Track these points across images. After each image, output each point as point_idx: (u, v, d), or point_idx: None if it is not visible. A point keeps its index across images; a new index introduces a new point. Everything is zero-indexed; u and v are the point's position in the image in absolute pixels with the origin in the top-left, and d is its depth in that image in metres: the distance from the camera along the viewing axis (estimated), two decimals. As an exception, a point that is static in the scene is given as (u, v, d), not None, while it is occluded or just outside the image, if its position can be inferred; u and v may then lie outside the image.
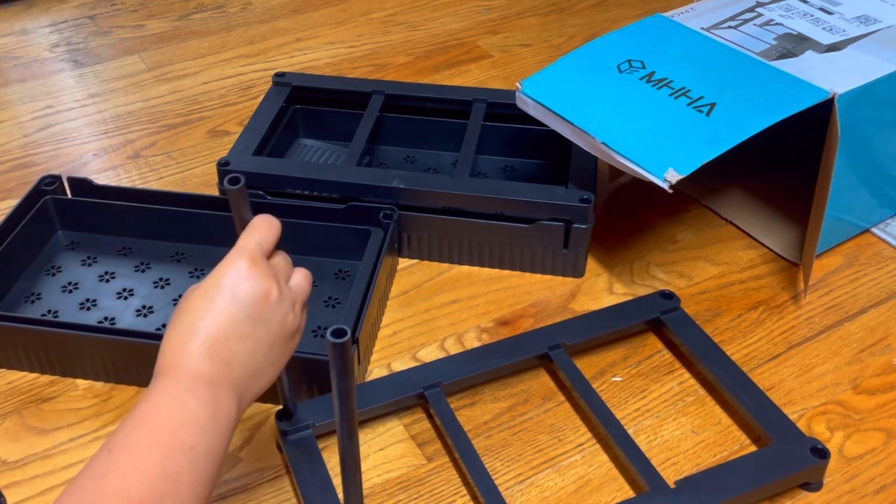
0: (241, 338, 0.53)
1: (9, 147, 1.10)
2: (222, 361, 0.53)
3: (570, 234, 0.87)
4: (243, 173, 0.89)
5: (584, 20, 1.36)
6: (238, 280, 0.54)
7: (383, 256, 0.82)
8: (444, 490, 0.70)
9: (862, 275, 0.90)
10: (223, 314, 0.53)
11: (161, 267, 0.89)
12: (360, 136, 0.96)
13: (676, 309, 0.82)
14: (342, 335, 0.50)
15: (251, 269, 0.55)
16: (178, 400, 0.51)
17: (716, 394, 0.77)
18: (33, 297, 0.85)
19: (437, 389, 0.75)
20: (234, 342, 0.53)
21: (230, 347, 0.53)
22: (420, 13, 1.39)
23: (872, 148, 0.86)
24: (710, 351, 0.78)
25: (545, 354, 0.78)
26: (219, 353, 0.53)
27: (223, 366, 0.53)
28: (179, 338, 0.53)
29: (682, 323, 0.81)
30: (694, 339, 0.79)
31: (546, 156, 1.01)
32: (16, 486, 0.70)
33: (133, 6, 1.42)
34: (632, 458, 0.69)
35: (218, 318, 0.53)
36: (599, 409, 0.73)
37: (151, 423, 0.50)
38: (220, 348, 0.53)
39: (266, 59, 1.28)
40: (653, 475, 0.68)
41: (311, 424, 0.71)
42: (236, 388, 0.53)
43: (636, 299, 0.84)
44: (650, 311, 0.82)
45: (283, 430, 0.70)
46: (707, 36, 0.89)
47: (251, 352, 0.54)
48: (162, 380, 0.52)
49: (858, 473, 0.71)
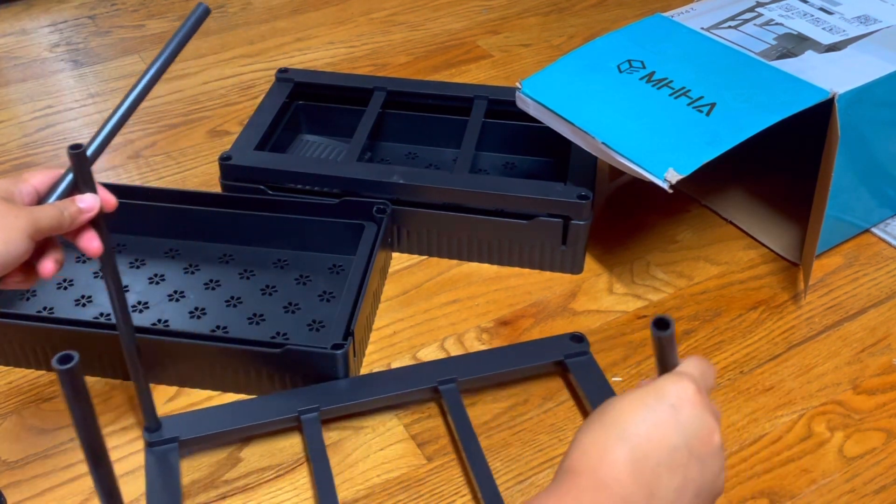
0: (671, 468, 0.45)
1: (9, 147, 1.10)
2: (646, 485, 0.45)
3: (568, 231, 0.87)
4: (245, 168, 0.91)
5: (584, 20, 1.36)
6: (683, 400, 0.46)
7: (377, 251, 0.83)
8: (445, 490, 0.70)
9: (862, 275, 0.90)
10: (658, 429, 0.46)
11: (156, 263, 0.89)
12: (361, 132, 0.96)
13: (585, 353, 0.78)
14: (68, 361, 0.45)
15: (698, 395, 0.47)
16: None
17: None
18: (28, 294, 0.85)
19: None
20: (664, 469, 0.45)
21: (658, 473, 0.45)
22: (420, 13, 1.39)
23: (872, 148, 0.86)
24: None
25: (436, 388, 0.75)
26: (644, 474, 0.45)
27: (645, 491, 0.45)
28: (603, 437, 0.46)
29: (587, 370, 0.76)
30: (596, 389, 0.75)
31: (547, 153, 1.01)
32: (16, 486, 0.70)
33: (133, 6, 1.42)
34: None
35: (651, 432, 0.45)
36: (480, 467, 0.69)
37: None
38: (648, 469, 0.45)
39: (266, 58, 1.28)
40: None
41: (176, 439, 0.70)
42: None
43: (544, 339, 0.80)
44: (556, 352, 0.78)
45: (147, 441, 0.70)
46: (707, 36, 0.89)
47: (678, 489, 0.45)
48: (576, 479, 0.45)
49: (858, 473, 0.71)
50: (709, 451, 0.47)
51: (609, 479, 0.45)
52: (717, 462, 0.47)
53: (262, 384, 0.76)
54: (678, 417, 0.46)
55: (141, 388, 0.67)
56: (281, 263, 0.89)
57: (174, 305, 0.84)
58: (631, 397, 0.47)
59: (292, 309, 0.84)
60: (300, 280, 0.87)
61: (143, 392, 0.68)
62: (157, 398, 0.77)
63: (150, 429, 0.70)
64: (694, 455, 0.46)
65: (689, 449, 0.46)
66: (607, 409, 0.47)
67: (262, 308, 0.84)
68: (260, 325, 0.82)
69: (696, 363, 0.50)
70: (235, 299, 0.85)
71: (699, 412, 0.47)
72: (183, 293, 0.85)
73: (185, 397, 0.78)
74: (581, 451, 0.46)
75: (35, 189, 0.58)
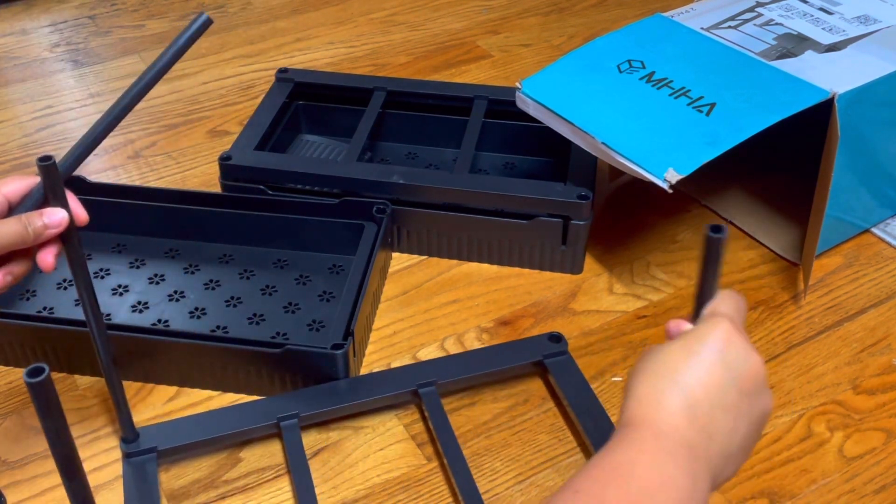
0: (725, 408, 0.47)
1: (9, 147, 1.10)
2: (703, 429, 0.47)
3: (568, 231, 0.87)
4: (245, 168, 0.91)
5: (584, 20, 1.36)
6: (727, 342, 0.48)
7: (377, 251, 0.83)
8: (445, 490, 0.70)
9: (862, 275, 0.90)
10: (709, 374, 0.47)
11: (155, 263, 0.89)
12: (361, 132, 0.97)
13: (563, 353, 0.78)
14: (38, 374, 0.44)
15: (738, 335, 0.49)
16: (655, 460, 0.45)
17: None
18: (28, 295, 0.85)
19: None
20: (718, 411, 0.47)
21: (713, 415, 0.47)
22: (420, 13, 1.39)
23: (872, 148, 0.86)
24: (587, 405, 0.73)
25: (416, 391, 0.75)
26: (700, 417, 0.47)
27: (703, 434, 0.47)
28: (654, 386, 0.48)
29: (566, 370, 0.76)
30: (573, 389, 0.75)
31: (547, 153, 1.01)
32: (16, 486, 0.70)
33: (133, 6, 1.42)
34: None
35: (702, 377, 0.47)
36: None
37: (626, 479, 0.45)
38: (703, 413, 0.47)
39: (266, 59, 1.28)
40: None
41: (154, 449, 0.70)
42: (712, 466, 0.47)
43: (523, 340, 0.80)
44: (534, 353, 0.78)
45: (125, 452, 0.69)
46: (707, 36, 0.89)
47: (732, 429, 0.48)
48: (637, 431, 0.47)
49: (858, 473, 0.71)
50: (755, 386, 0.49)
51: (668, 427, 0.46)
52: (765, 396, 0.50)
53: (262, 384, 0.76)
54: (725, 359, 0.48)
55: (117, 400, 0.67)
56: (281, 263, 0.89)
57: (174, 305, 0.84)
58: (676, 346, 0.49)
59: (292, 309, 0.84)
60: (300, 280, 0.87)
61: (120, 403, 0.67)
62: (157, 398, 0.77)
63: (128, 440, 0.69)
64: (743, 393, 0.48)
65: (738, 388, 0.48)
66: (656, 360, 0.49)
67: (262, 308, 0.84)
68: (260, 325, 0.82)
69: (730, 301, 0.52)
70: (235, 299, 0.85)
71: (743, 352, 0.49)
72: (183, 293, 0.85)
73: (185, 397, 0.78)
74: (637, 403, 0.48)
75: (6, 199, 0.57)
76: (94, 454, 0.73)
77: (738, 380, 0.48)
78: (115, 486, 0.70)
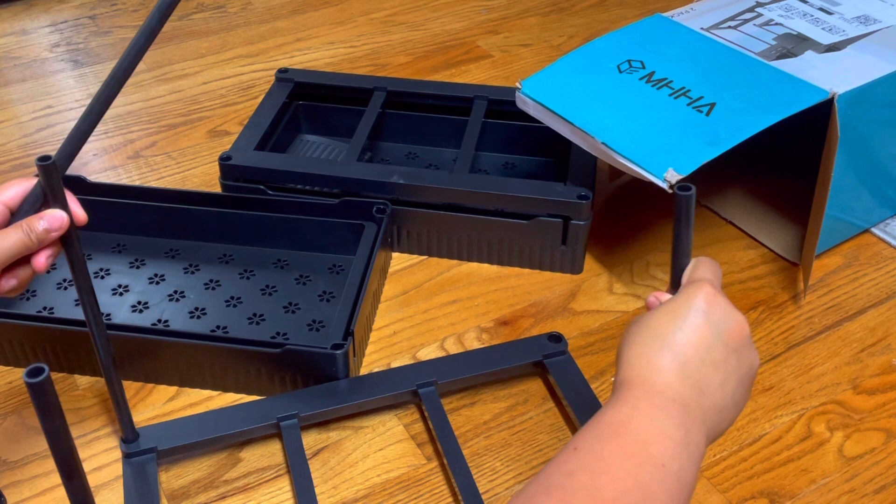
0: (714, 364, 0.50)
1: (9, 147, 1.10)
2: (694, 385, 0.49)
3: (567, 231, 0.87)
4: (245, 168, 0.91)
5: (584, 20, 1.36)
6: (710, 304, 0.51)
7: (377, 251, 0.83)
8: (445, 490, 0.70)
9: (862, 275, 0.90)
10: (696, 333, 0.50)
11: (155, 263, 0.89)
12: (361, 132, 0.97)
13: (563, 353, 0.78)
14: (38, 374, 0.45)
15: (720, 296, 0.51)
16: (649, 415, 0.48)
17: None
18: (28, 295, 0.85)
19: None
20: (708, 367, 0.50)
21: (703, 371, 0.49)
22: (420, 13, 1.39)
23: (872, 148, 0.86)
24: (587, 405, 0.73)
25: (415, 392, 0.75)
26: (691, 374, 0.49)
27: (695, 390, 0.49)
28: (646, 349, 0.50)
29: (566, 370, 0.77)
30: (573, 389, 0.75)
31: (547, 153, 1.01)
32: (16, 486, 0.70)
33: (133, 6, 1.42)
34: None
35: (690, 337, 0.50)
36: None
37: (622, 433, 0.47)
38: (693, 370, 0.49)
39: (266, 59, 1.28)
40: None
41: (154, 449, 0.70)
42: (705, 419, 0.49)
43: (523, 340, 0.80)
44: (534, 353, 0.78)
45: (125, 452, 0.69)
46: (707, 36, 0.89)
47: (722, 383, 0.50)
48: (630, 391, 0.49)
49: (858, 473, 0.71)
50: (741, 342, 0.51)
51: (661, 386, 0.49)
52: (751, 351, 0.52)
53: (261, 384, 0.76)
54: (710, 319, 0.50)
55: (117, 400, 0.67)
56: (281, 263, 0.89)
57: (174, 305, 0.84)
58: (662, 311, 0.51)
59: (292, 309, 0.84)
60: (300, 280, 0.87)
61: (120, 403, 0.67)
62: (158, 398, 0.77)
63: (128, 440, 0.69)
64: (731, 349, 0.51)
65: (725, 344, 0.50)
66: (643, 326, 0.51)
67: (262, 308, 0.84)
68: (260, 325, 0.82)
69: (707, 265, 0.55)
70: (235, 299, 0.85)
71: (726, 311, 0.51)
72: (183, 293, 0.86)
73: (186, 397, 0.78)
74: (630, 366, 0.50)
75: (6, 206, 0.56)
76: (94, 454, 0.73)
77: (724, 337, 0.51)
78: (115, 486, 0.70)
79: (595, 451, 0.47)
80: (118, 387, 0.66)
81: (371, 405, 0.75)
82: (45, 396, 0.45)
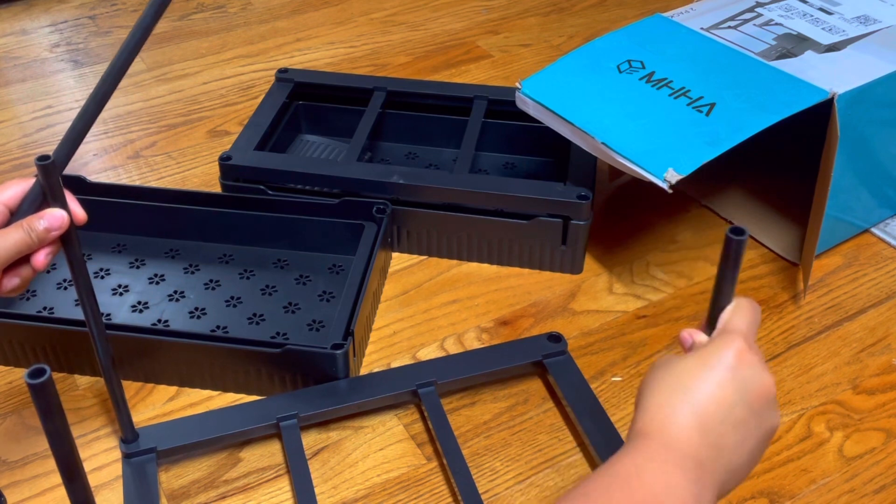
0: (734, 424, 0.49)
1: (9, 147, 1.10)
2: (712, 444, 0.48)
3: (567, 231, 0.87)
4: (245, 168, 0.91)
5: (584, 20, 1.36)
6: (739, 360, 0.49)
7: (377, 251, 0.83)
8: (444, 490, 0.70)
9: (861, 275, 0.90)
10: (721, 390, 0.49)
11: (155, 263, 0.89)
12: (361, 132, 0.97)
13: (563, 353, 0.78)
14: (40, 375, 0.45)
15: (751, 354, 0.50)
16: (664, 470, 0.47)
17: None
18: (29, 295, 0.85)
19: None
20: (728, 426, 0.48)
21: (723, 430, 0.48)
22: (420, 13, 1.39)
23: (872, 148, 0.86)
24: (587, 405, 0.74)
25: (415, 392, 0.75)
26: (710, 432, 0.48)
27: (713, 449, 0.48)
28: (667, 398, 0.49)
29: (565, 370, 0.77)
30: (573, 389, 0.75)
31: (547, 153, 1.01)
32: (16, 486, 0.70)
33: (133, 6, 1.42)
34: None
35: (714, 393, 0.49)
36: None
37: (634, 485, 0.46)
38: (712, 428, 0.48)
39: (266, 59, 1.28)
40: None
41: (154, 449, 0.70)
42: (716, 479, 0.48)
43: (522, 340, 0.80)
44: (534, 353, 0.78)
45: (124, 452, 0.69)
46: (707, 36, 0.89)
47: (739, 444, 0.49)
48: (646, 441, 0.48)
49: (858, 473, 0.71)
50: (765, 403, 0.50)
51: (678, 440, 0.48)
52: (774, 413, 0.51)
53: (261, 384, 0.76)
54: (736, 377, 0.49)
55: (117, 400, 0.67)
56: (281, 263, 0.89)
57: (174, 305, 0.84)
58: (690, 362, 0.50)
59: (292, 309, 0.84)
60: (300, 280, 0.87)
61: (120, 403, 0.67)
62: (158, 398, 0.77)
63: (127, 440, 0.69)
64: (753, 410, 0.49)
65: (749, 405, 0.49)
66: (668, 374, 0.50)
67: (262, 308, 0.84)
68: (260, 325, 0.82)
69: (746, 313, 0.52)
70: (235, 299, 0.85)
71: (755, 370, 0.50)
72: (183, 293, 0.86)
73: (186, 397, 0.78)
74: (649, 416, 0.49)
75: (6, 207, 0.56)
76: (94, 454, 0.73)
77: (748, 397, 0.49)
78: (115, 486, 0.70)
79: (604, 499, 0.46)
80: (118, 387, 0.66)
81: (371, 405, 0.75)
82: (46, 397, 0.45)
